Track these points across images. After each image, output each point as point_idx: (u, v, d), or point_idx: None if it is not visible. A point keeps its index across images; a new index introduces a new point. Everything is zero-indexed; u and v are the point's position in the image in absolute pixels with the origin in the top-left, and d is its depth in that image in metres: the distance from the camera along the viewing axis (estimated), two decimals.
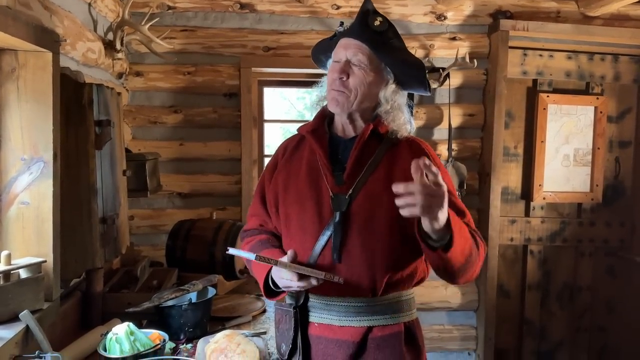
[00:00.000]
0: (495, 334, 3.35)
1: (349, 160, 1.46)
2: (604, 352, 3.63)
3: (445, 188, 1.15)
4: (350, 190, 1.43)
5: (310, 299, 1.47)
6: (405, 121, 1.50)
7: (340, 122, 1.53)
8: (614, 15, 3.29)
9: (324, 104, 1.56)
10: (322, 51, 1.60)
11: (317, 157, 1.49)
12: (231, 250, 1.37)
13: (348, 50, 1.45)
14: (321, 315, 1.45)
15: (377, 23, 1.46)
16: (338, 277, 1.34)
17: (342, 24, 1.55)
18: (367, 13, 1.46)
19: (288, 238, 1.51)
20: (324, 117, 1.56)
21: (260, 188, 1.63)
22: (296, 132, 1.64)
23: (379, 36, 1.46)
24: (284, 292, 1.46)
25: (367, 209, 1.41)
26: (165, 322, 1.88)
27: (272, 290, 1.47)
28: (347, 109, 1.47)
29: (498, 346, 3.40)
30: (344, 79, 1.44)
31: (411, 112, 1.64)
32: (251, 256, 1.27)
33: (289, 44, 3.13)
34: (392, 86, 1.49)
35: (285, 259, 1.36)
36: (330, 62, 1.54)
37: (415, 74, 1.49)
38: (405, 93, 1.54)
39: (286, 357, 1.48)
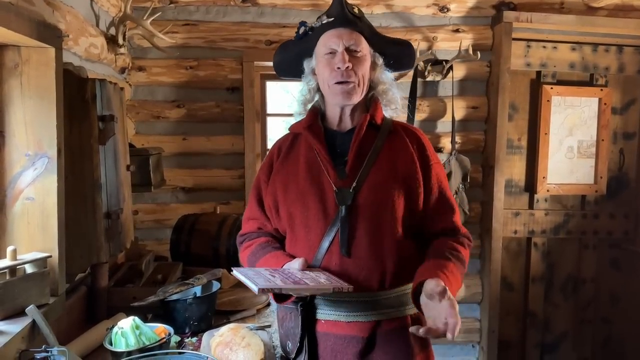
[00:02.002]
0: (499, 326, 3.36)
1: (350, 153, 1.44)
2: (608, 344, 3.64)
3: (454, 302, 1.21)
4: (354, 182, 1.40)
5: (317, 296, 1.44)
6: (399, 97, 1.55)
7: (339, 115, 1.50)
8: (618, 5, 3.26)
9: (314, 101, 1.55)
10: (293, 59, 1.60)
11: (316, 152, 1.47)
12: (235, 272, 1.33)
13: (343, 38, 1.43)
14: (328, 312, 1.43)
15: (356, 10, 1.48)
16: (347, 286, 1.28)
17: (304, 23, 1.55)
18: (344, 2, 1.46)
19: (293, 238, 1.48)
20: (317, 113, 1.54)
21: (256, 191, 1.59)
22: (287, 132, 1.61)
23: (361, 23, 1.47)
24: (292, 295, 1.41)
25: (373, 201, 1.40)
26: (170, 316, 1.89)
27: (281, 294, 1.40)
28: (357, 99, 1.46)
29: (502, 338, 3.41)
30: (350, 67, 1.41)
31: (413, 108, 1.67)
32: (254, 288, 1.20)
33: (291, 38, 3.11)
34: (382, 67, 1.52)
35: (296, 264, 1.35)
36: (312, 63, 1.53)
37: (406, 52, 1.56)
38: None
39: (293, 355, 1.45)
